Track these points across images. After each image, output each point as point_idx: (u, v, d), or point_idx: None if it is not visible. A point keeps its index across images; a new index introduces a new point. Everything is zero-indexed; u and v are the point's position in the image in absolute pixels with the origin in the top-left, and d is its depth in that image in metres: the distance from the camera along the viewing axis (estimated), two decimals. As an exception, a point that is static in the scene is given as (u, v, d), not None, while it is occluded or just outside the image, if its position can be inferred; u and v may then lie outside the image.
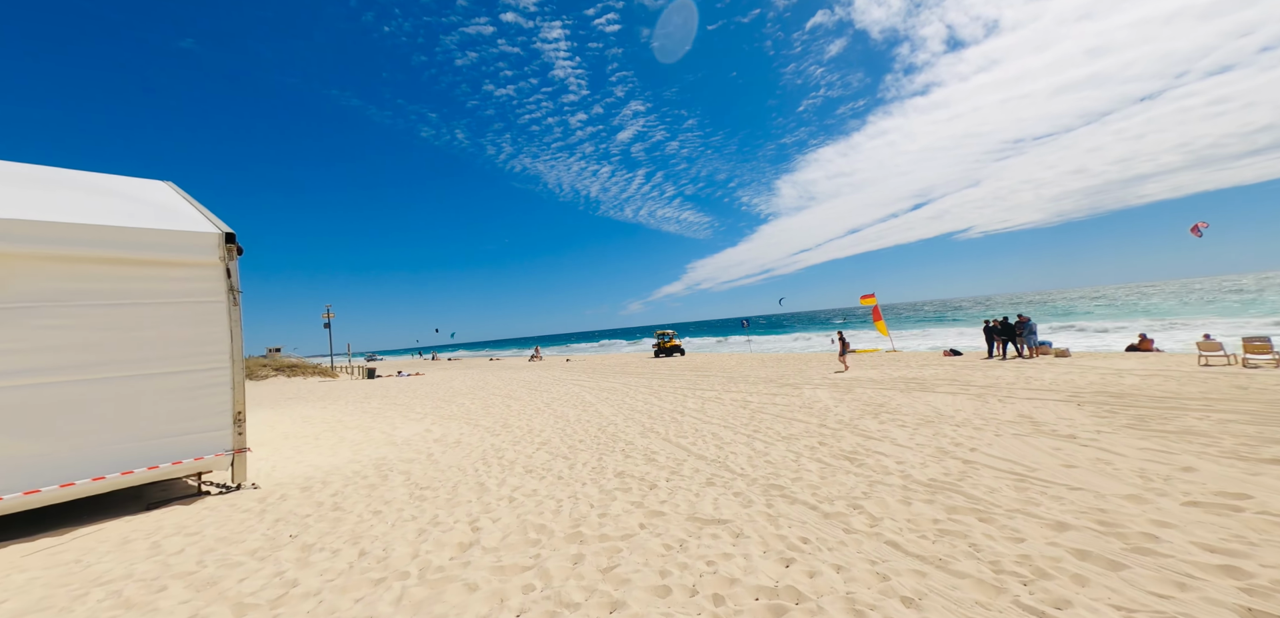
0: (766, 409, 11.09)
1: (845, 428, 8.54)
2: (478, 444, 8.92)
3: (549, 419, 11.38)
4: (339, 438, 10.22)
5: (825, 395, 12.60)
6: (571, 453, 7.86)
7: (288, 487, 6.38)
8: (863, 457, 6.52)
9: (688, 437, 8.68)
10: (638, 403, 13.38)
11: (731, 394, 14.02)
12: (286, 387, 26.63)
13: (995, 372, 14.72)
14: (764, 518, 4.58)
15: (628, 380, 20.27)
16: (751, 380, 17.28)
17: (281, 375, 30.95)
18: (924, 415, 9.13)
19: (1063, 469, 5.29)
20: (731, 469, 6.38)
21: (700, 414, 10.96)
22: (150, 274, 5.61)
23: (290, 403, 18.89)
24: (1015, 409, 9.03)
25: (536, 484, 6.16)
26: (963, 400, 10.44)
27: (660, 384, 17.92)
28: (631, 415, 11.34)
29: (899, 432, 7.95)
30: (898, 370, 17.08)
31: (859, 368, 19.07)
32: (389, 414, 13.90)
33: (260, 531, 4.75)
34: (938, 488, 5.03)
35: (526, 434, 9.66)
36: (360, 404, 17.01)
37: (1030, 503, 4.39)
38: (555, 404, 14.10)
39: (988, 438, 7.08)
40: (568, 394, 16.51)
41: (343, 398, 19.73)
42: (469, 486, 6.18)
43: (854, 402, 11.28)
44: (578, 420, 11.07)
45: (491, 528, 4.63)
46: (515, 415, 12.31)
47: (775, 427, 9.06)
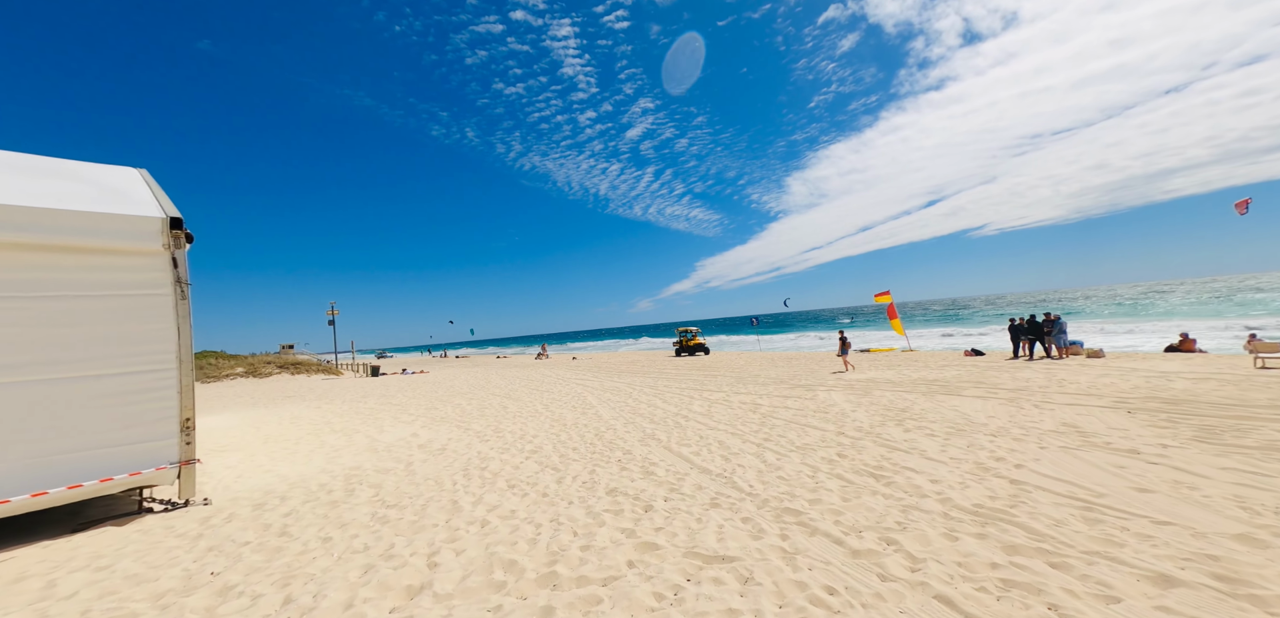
0: (778, 414, 10.27)
1: (866, 437, 7.70)
2: (463, 451, 8.22)
3: (544, 423, 10.66)
4: (320, 442, 9.59)
5: (841, 398, 11.73)
6: (562, 464, 7.12)
7: (241, 503, 5.71)
8: (890, 473, 5.70)
9: (691, 445, 7.89)
10: (640, 405, 12.62)
11: (740, 396, 13.21)
12: (288, 384, 26.28)
13: (1023, 373, 13.72)
14: (778, 555, 3.79)
15: (632, 380, 19.52)
16: (761, 381, 16.43)
17: (286, 373, 30.66)
18: (953, 423, 8.25)
19: (1136, 495, 4.43)
20: (739, 487, 5.59)
21: (706, 418, 10.17)
22: (78, 262, 4.95)
23: (287, 401, 18.42)
24: (1056, 417, 8.11)
25: (517, 503, 5.42)
26: (993, 406, 9.53)
27: (665, 384, 17.15)
28: (632, 419, 10.58)
29: (928, 442, 7.09)
30: (916, 371, 16.12)
31: (874, 368, 18.12)
32: (381, 415, 13.29)
33: (184, 564, 4.07)
34: (987, 517, 4.20)
35: (517, 440, 8.95)
36: (355, 404, 16.45)
37: (1110, 542, 3.55)
38: (554, 406, 13.39)
39: (1031, 451, 6.21)
40: (569, 395, 15.80)
41: (341, 397, 19.22)
42: (441, 504, 5.46)
43: (873, 406, 10.41)
44: (575, 424, 10.33)
45: (452, 564, 3.90)
46: (510, 418, 11.61)
47: (788, 435, 8.24)
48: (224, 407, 17.85)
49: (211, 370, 28.95)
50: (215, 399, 20.89)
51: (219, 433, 11.37)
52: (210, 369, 28.98)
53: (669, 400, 13.24)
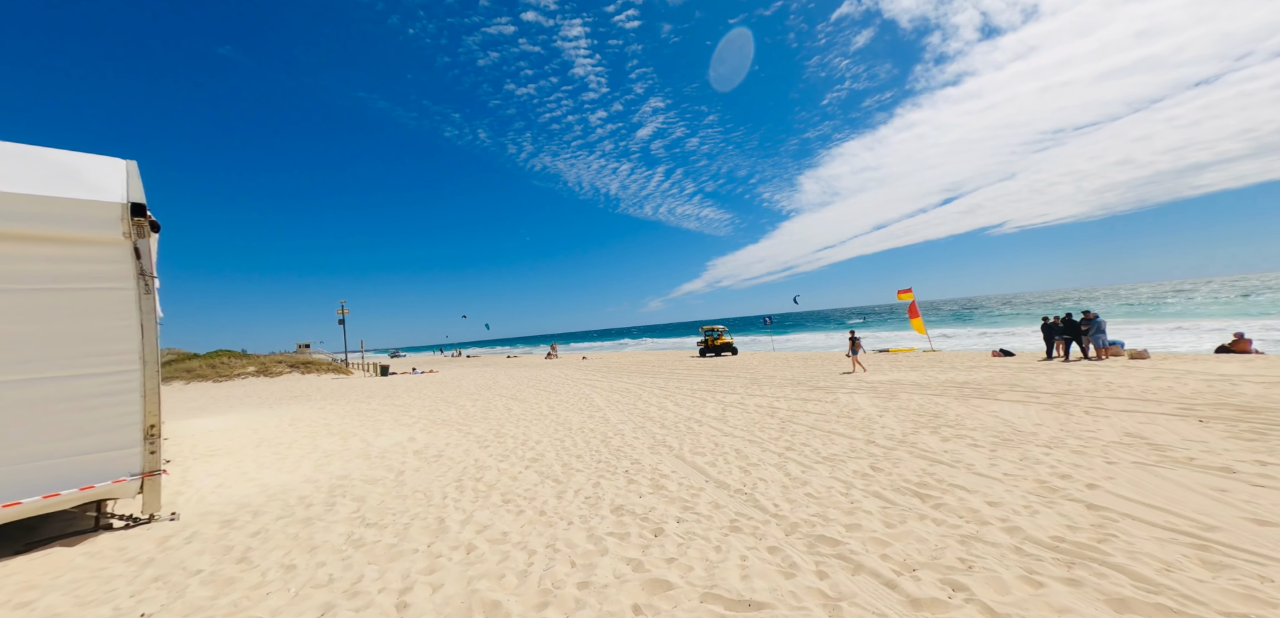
0: (798, 418, 9.53)
1: (900, 446, 6.94)
2: (460, 459, 7.64)
3: (549, 427, 10.05)
4: (313, 446, 9.10)
5: (864, 402, 10.94)
6: (565, 474, 6.49)
7: (210, 519, 5.18)
8: (937, 492, 4.96)
9: (706, 453, 7.21)
10: (650, 408, 11.96)
11: (756, 399, 12.47)
12: (297, 384, 26.15)
13: (1062, 375, 12.76)
14: (818, 602, 3.10)
15: (642, 381, 18.86)
16: (777, 382, 15.66)
17: (296, 372, 30.62)
18: (996, 431, 7.44)
19: (1258, 530, 3.64)
20: (762, 506, 4.90)
21: (721, 423, 9.47)
22: (21, 251, 4.45)
23: (293, 402, 18.14)
24: (1115, 426, 7.26)
25: (510, 523, 4.80)
26: (1038, 412, 8.67)
27: (676, 386, 16.46)
28: (642, 424, 9.93)
29: (972, 453, 6.32)
30: (943, 372, 15.20)
31: (896, 369, 17.21)
32: (382, 417, 12.82)
33: (118, 599, 3.52)
34: (1072, 555, 3.46)
35: (519, 446, 8.35)
36: (359, 405, 16.06)
37: (1255, 598, 2.79)
38: (560, 408, 12.80)
39: (1098, 466, 5.41)
40: (576, 396, 15.21)
41: (346, 397, 18.89)
42: (426, 523, 4.86)
43: (901, 410, 9.61)
44: (581, 428, 9.71)
45: (425, 605, 3.28)
46: (513, 421, 11.04)
47: (812, 442, 7.51)
48: (230, 407, 17.61)
49: (224, 369, 29.00)
50: (223, 399, 20.74)
51: (215, 436, 10.98)
52: (222, 368, 29.04)
53: (680, 404, 12.55)
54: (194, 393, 23.74)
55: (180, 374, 27.70)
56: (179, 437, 10.89)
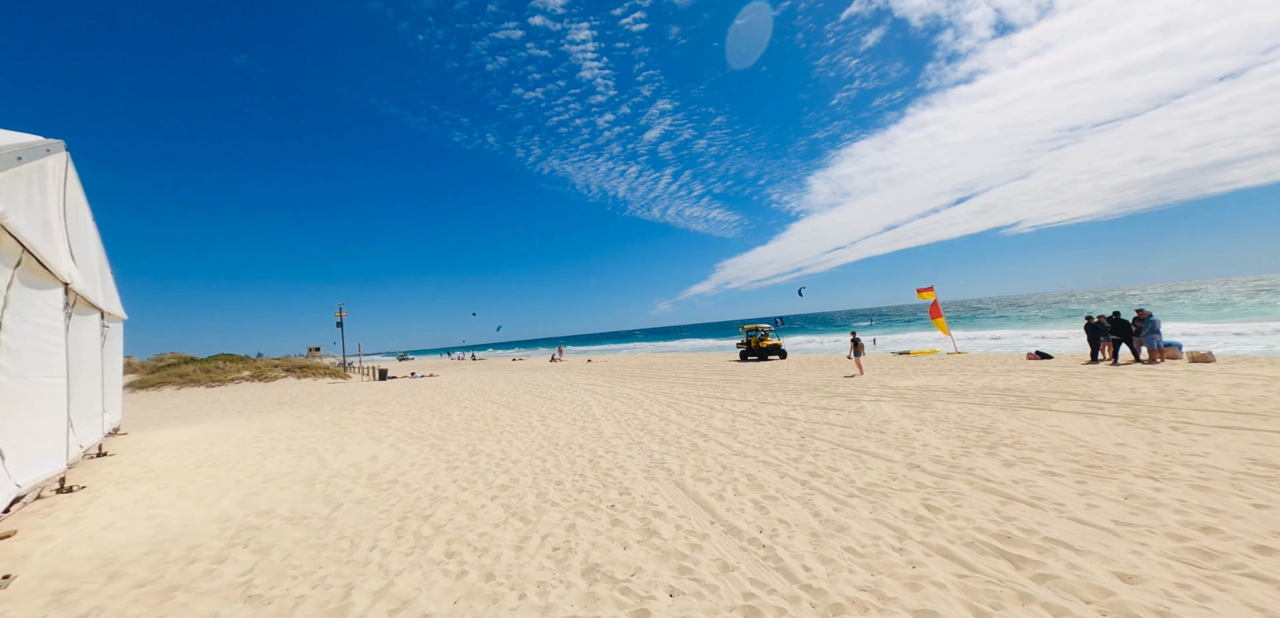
0: (820, 432, 8.16)
1: (954, 473, 5.57)
2: (418, 486, 6.40)
3: (534, 441, 8.79)
4: (259, 465, 7.92)
5: (895, 412, 9.53)
6: (536, 511, 5.21)
7: (48, 584, 3.95)
8: (1030, 551, 3.60)
9: (711, 480, 5.89)
10: (650, 419, 10.64)
11: (769, 407, 11.10)
12: (288, 390, 25.22)
13: (1118, 381, 11.23)
14: None
15: (645, 387, 17.55)
16: (792, 388, 14.27)
17: (292, 377, 29.76)
18: (1071, 453, 6.03)
19: None
20: (788, 569, 3.58)
21: (729, 438, 8.14)
22: None
23: (273, 409, 17.09)
24: (1224, 446, 5.81)
25: (437, 597, 3.52)
26: (1111, 427, 7.22)
27: (683, 391, 15.13)
28: (639, 438, 8.62)
29: (1053, 486, 4.93)
30: (975, 376, 13.71)
31: (921, 373, 15.72)
32: (356, 428, 11.66)
33: None
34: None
35: (492, 468, 7.09)
36: (340, 413, 14.94)
37: None
38: (551, 418, 11.54)
39: (1246, 512, 4.01)
40: (572, 404, 13.94)
41: (330, 404, 17.81)
42: (327, 597, 3.60)
43: (941, 423, 8.20)
44: (569, 443, 8.42)
45: None
46: (496, 434, 9.79)
47: (841, 465, 6.16)
48: (207, 415, 16.60)
49: (218, 374, 28.20)
50: (206, 406, 19.79)
51: (162, 452, 9.87)
52: (216, 373, 28.24)
53: (685, 412, 11.22)
54: (179, 399, 22.88)
55: (173, 379, 26.94)
56: (126, 452, 9.80)
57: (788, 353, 26.87)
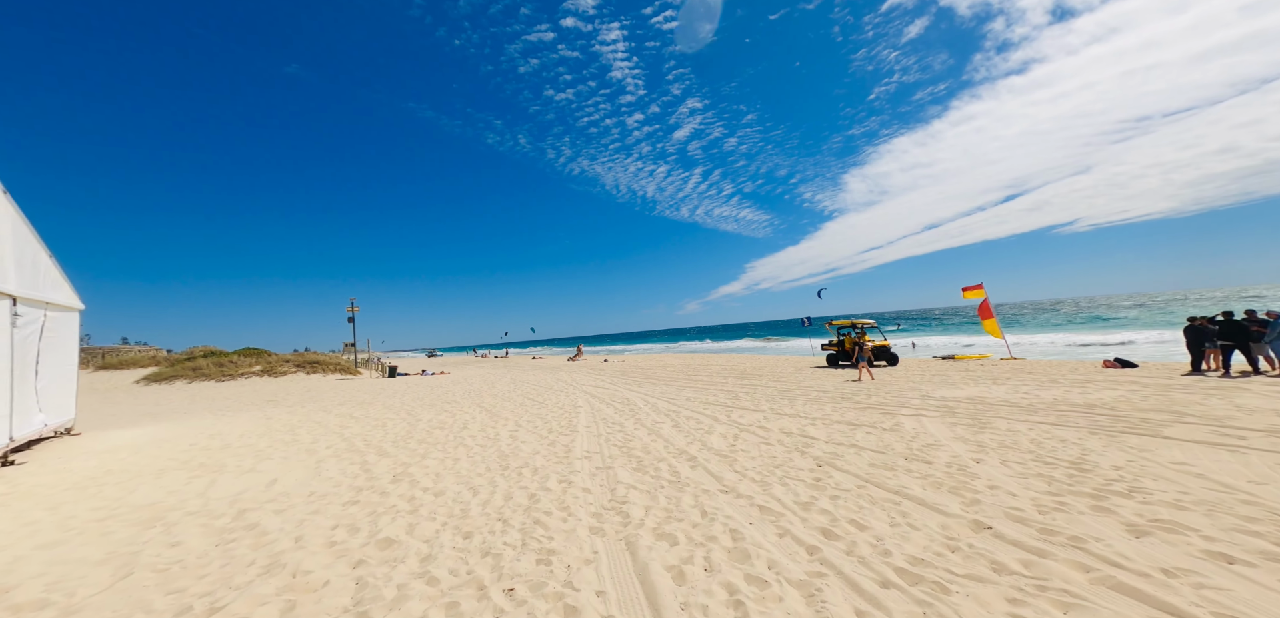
0: (843, 458, 6.19)
1: (1050, 544, 3.57)
2: (274, 536, 4.86)
3: (482, 463, 7.17)
4: (129, 490, 6.60)
5: (941, 431, 7.42)
6: (394, 603, 3.54)
7: None
8: None
9: (679, 540, 4.09)
10: (639, 430, 8.87)
11: (783, 420, 9.13)
12: (291, 385, 24.73)
13: (1241, 398, 8.70)
14: None
15: (651, 390, 15.77)
16: (814, 396, 12.18)
17: (302, 372, 29.51)
18: (1236, 512, 3.91)
19: None
20: None
21: (725, 463, 6.28)
22: None
23: (261, 406, 16.22)
24: None
25: None
26: (1271, 467, 4.98)
27: (689, 396, 13.27)
28: (613, 459, 6.86)
29: (1239, 582, 2.90)
30: (1042, 388, 11.27)
31: (969, 381, 13.32)
32: (304, 435, 10.37)
33: None
34: None
35: (398, 507, 5.48)
36: (313, 415, 13.81)
37: None
38: (525, 428, 9.93)
39: None
40: (563, 407, 12.32)
41: (315, 403, 16.83)
42: None
43: (1009, 450, 6.09)
44: (523, 466, 6.75)
45: None
46: (448, 450, 8.24)
47: (870, 518, 4.24)
48: (182, 413, 15.85)
49: (230, 369, 28.19)
50: (200, 401, 19.25)
51: (86, 458, 8.80)
52: (228, 368, 28.23)
53: (682, 424, 9.39)
54: (177, 394, 22.63)
55: (186, 373, 27.03)
56: (46, 458, 8.78)
57: (898, 358, 20.19)
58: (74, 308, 11.20)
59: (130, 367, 31.81)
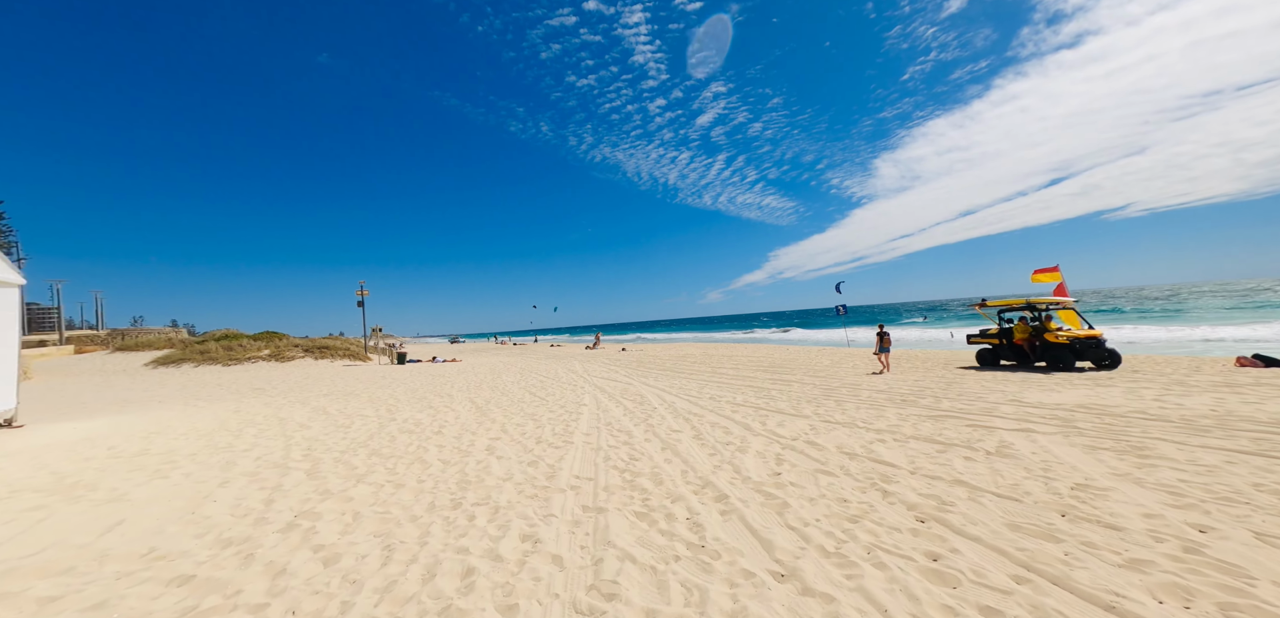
0: (952, 499, 3.99)
1: None
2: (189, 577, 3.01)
3: (435, 491, 5.28)
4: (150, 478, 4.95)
5: (1078, 459, 5.09)
6: None
7: None
8: None
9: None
10: (650, 443, 6.83)
11: (837, 431, 6.92)
12: (293, 371, 23.70)
13: None
14: None
15: (670, 384, 13.70)
16: (863, 395, 9.88)
17: (310, 357, 28.64)
18: None
19: None
20: None
21: (767, 506, 4.17)
22: None
23: (245, 396, 14.91)
24: None
25: None
26: None
27: (715, 392, 11.14)
28: (610, 493, 4.86)
29: None
30: (1175, 393, 8.64)
31: (1063, 384, 10.75)
32: (272, 438, 8.75)
33: None
34: None
35: (256, 595, 3.62)
36: (301, 405, 12.30)
37: None
38: (516, 429, 8.04)
39: None
40: (566, 405, 10.41)
41: (306, 391, 15.42)
42: None
43: (1234, 504, 3.76)
44: (483, 501, 4.83)
45: None
46: (416, 464, 6.39)
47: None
48: (166, 400, 14.62)
49: (238, 353, 27.47)
50: (192, 387, 18.18)
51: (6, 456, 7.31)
52: (237, 352, 27.53)
53: (704, 432, 7.29)
54: (173, 377, 21.78)
55: (195, 356, 26.42)
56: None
57: (1120, 358, 12.58)
58: (11, 284, 9.84)
59: (146, 349, 31.72)
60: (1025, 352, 13.76)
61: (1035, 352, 13.39)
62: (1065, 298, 14.20)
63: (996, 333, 14.84)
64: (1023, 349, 13.80)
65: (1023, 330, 13.96)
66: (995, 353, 14.59)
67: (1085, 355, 12.52)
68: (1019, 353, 13.91)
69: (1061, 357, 12.60)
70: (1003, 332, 14.64)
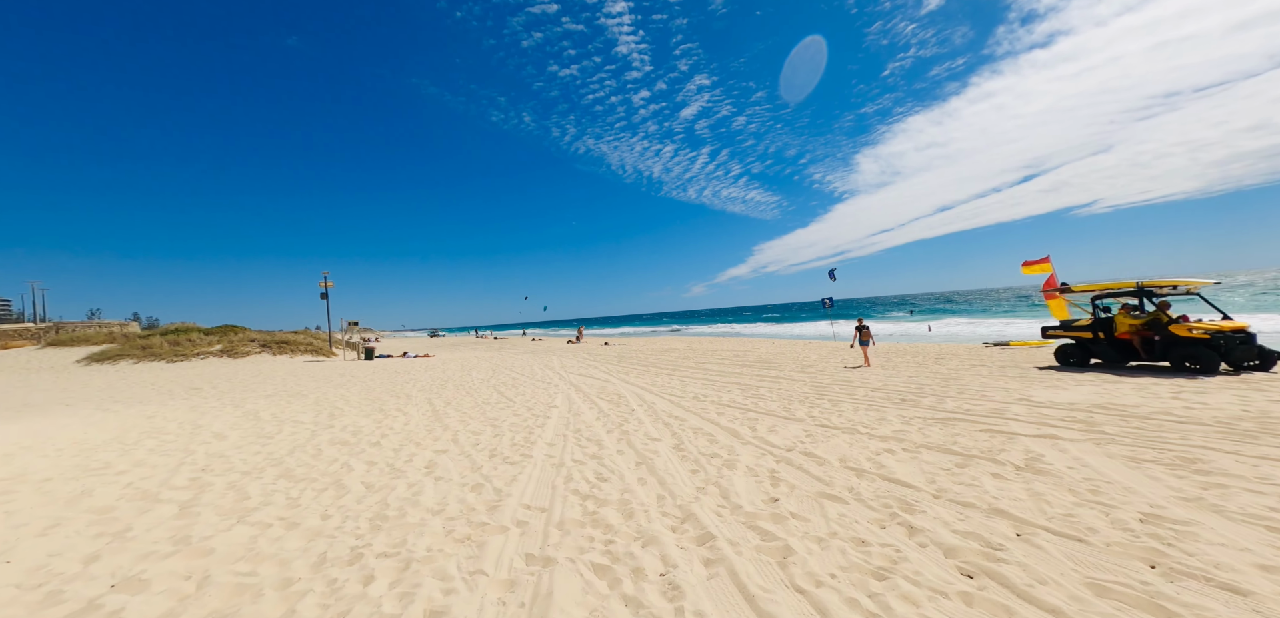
0: (999, 540, 3.03)
1: None
2: None
3: (342, 530, 4.15)
4: None
5: (1118, 472, 4.22)
6: None
7: None
8: None
9: None
10: (623, 456, 5.77)
11: (836, 438, 5.97)
12: (243, 368, 21.91)
13: None
14: None
15: (649, 381, 12.68)
16: (859, 396, 8.99)
17: (267, 352, 26.72)
18: None
19: None
20: None
21: (769, 547, 3.17)
22: None
23: (170, 398, 13.35)
24: None
25: None
26: None
27: (698, 392, 10.14)
28: (565, 533, 3.79)
29: None
30: (1190, 393, 7.94)
31: (1070, 381, 10.08)
32: (172, 452, 7.42)
33: None
34: None
35: None
36: (235, 408, 10.88)
37: None
38: (470, 439, 6.91)
39: None
40: (535, 406, 9.29)
41: (251, 390, 13.92)
42: None
43: None
44: (393, 552, 3.73)
45: None
46: (321, 490, 5.23)
47: None
48: (72, 403, 12.96)
49: (186, 348, 25.42)
50: (119, 387, 16.41)
51: None
52: (184, 347, 25.46)
53: (686, 442, 6.27)
54: (104, 376, 19.87)
55: (134, 351, 24.27)
56: None
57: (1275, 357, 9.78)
58: None
59: (83, 344, 29.24)
60: (1132, 348, 11.09)
61: (1153, 349, 10.75)
62: (1193, 282, 11.26)
63: (1089, 325, 12.12)
64: (1129, 345, 11.13)
65: (1127, 322, 11.24)
66: (1086, 350, 11.97)
67: (1231, 355, 9.75)
68: (1122, 350, 11.30)
69: (1200, 356, 9.81)
70: (1098, 324, 11.96)
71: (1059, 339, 12.91)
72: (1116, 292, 12.01)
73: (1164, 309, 10.68)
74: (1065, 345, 12.47)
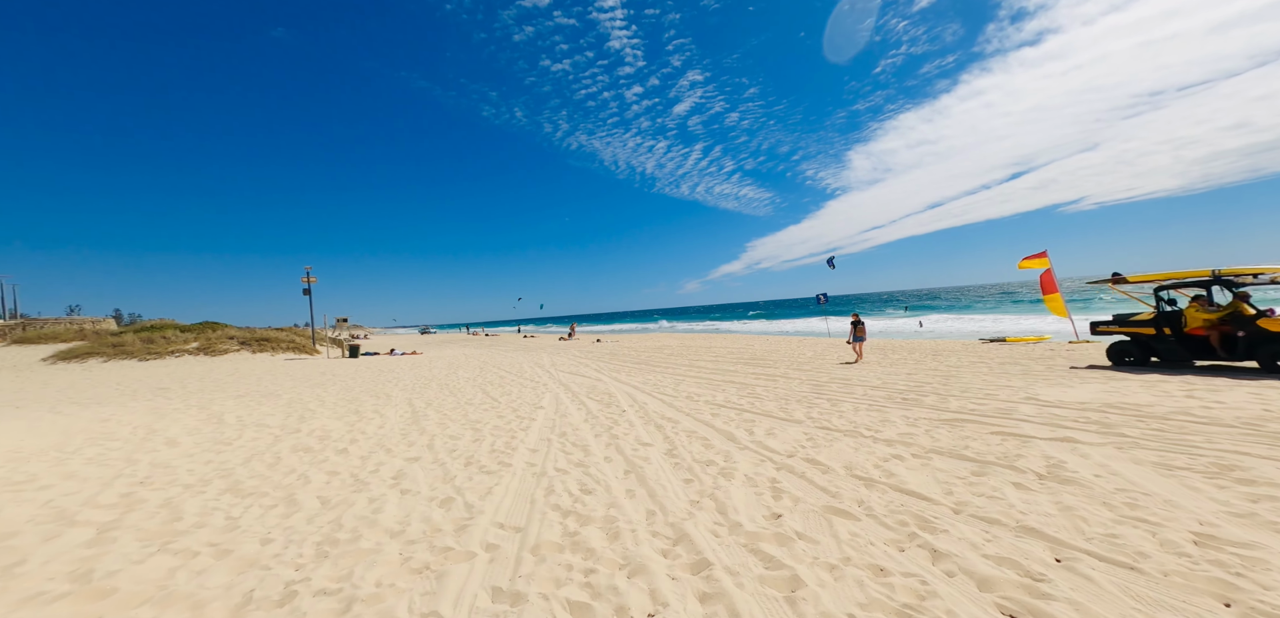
0: (1039, 568, 2.55)
1: None
2: None
3: (283, 562, 3.62)
4: None
5: (1150, 479, 3.79)
6: None
7: None
8: None
9: None
10: (611, 463, 5.28)
11: (839, 442, 5.52)
12: (219, 367, 21.10)
13: None
14: None
15: (641, 379, 12.20)
16: (859, 395, 8.57)
17: (246, 350, 25.84)
18: None
19: None
20: None
21: (773, 577, 2.68)
22: None
23: (149, 395, 12.63)
24: None
25: None
26: None
27: (692, 391, 9.68)
28: (552, 547, 3.29)
29: None
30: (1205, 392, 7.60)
31: (1076, 379, 9.75)
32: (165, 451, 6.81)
33: None
34: None
35: None
36: (200, 410, 10.23)
37: None
38: (446, 445, 6.38)
39: None
40: (520, 407, 8.76)
41: (224, 390, 13.22)
42: None
43: None
44: (334, 590, 3.21)
45: None
46: (268, 510, 4.68)
47: None
48: (20, 404, 12.20)
49: (160, 346, 24.47)
50: (79, 388, 15.61)
51: None
52: (158, 344, 24.51)
53: (679, 447, 5.79)
54: (66, 376, 19.00)
55: (105, 349, 23.32)
56: None
57: None
58: None
59: (49, 341, 28.12)
60: (1204, 346, 9.76)
61: (1234, 347, 9.34)
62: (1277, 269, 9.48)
63: (1150, 320, 10.61)
64: (1201, 342, 9.79)
65: (1202, 316, 9.85)
66: (1147, 348, 10.54)
67: None
68: (1193, 347, 9.93)
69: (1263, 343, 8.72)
70: (1163, 318, 10.46)
71: (1112, 336, 11.37)
72: (1186, 281, 10.24)
73: (1243, 300, 9.39)
74: (1121, 343, 10.99)
